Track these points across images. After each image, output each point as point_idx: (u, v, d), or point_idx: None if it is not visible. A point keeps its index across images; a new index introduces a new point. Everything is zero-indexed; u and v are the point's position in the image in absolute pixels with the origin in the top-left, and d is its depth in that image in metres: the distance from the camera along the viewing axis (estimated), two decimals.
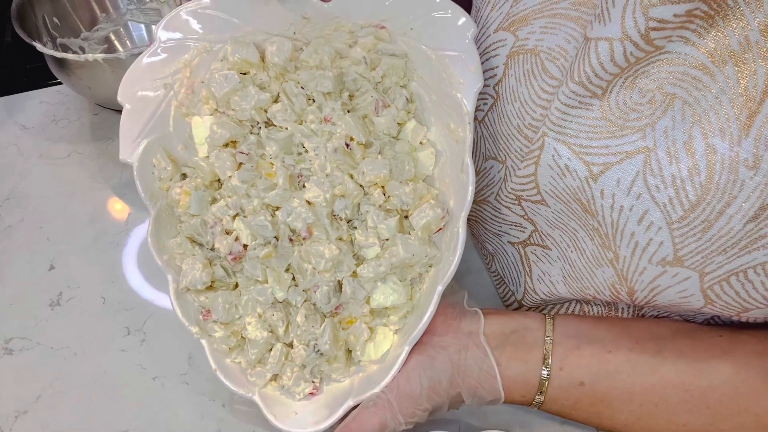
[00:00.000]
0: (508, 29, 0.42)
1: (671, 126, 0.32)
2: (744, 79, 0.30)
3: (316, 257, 0.42)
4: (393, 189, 0.43)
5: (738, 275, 0.33)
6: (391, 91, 0.45)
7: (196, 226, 0.44)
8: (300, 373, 0.42)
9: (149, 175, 0.45)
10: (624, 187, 0.34)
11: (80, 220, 0.62)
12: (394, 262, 0.41)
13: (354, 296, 0.42)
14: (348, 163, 0.43)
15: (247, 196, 0.44)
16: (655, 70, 0.33)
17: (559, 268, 0.43)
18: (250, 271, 0.43)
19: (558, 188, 0.38)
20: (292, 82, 0.46)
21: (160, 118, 0.46)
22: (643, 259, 0.35)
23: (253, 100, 0.45)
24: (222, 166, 0.44)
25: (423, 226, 0.42)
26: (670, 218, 0.33)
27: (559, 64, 0.38)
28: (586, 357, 0.39)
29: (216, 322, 0.43)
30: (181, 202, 0.45)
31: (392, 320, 0.43)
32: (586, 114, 0.35)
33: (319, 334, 0.41)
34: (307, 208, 0.42)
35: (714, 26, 0.31)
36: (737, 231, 0.31)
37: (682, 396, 0.37)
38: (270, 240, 0.43)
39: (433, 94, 0.44)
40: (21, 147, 0.70)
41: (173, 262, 0.44)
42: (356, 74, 0.45)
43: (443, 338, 0.40)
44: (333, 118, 0.43)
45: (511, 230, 0.47)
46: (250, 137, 0.45)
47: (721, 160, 0.31)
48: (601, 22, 0.33)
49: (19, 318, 0.54)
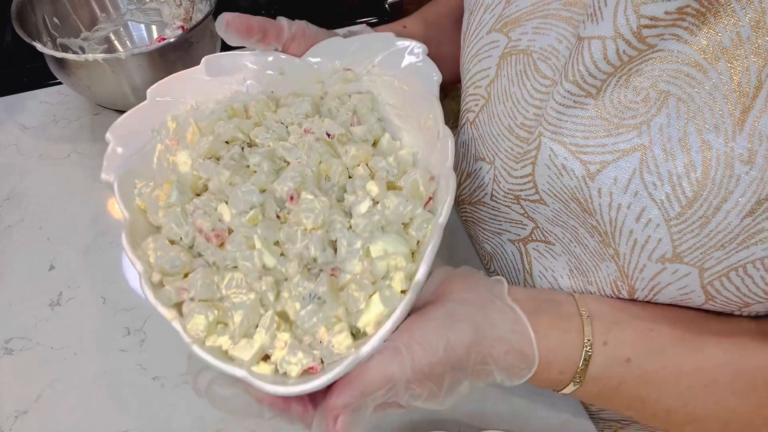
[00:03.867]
0: (501, 31, 0.42)
1: (666, 123, 0.32)
2: (737, 75, 0.30)
3: (307, 213, 0.39)
4: (376, 163, 0.44)
5: (737, 270, 0.33)
6: (362, 116, 0.48)
7: (176, 215, 0.41)
8: (295, 342, 0.35)
9: (129, 193, 0.44)
10: (621, 185, 0.34)
11: (80, 220, 0.62)
12: (387, 214, 0.39)
13: (350, 248, 0.38)
14: (330, 152, 0.44)
15: (230, 185, 0.42)
16: (649, 68, 0.33)
17: (564, 262, 0.43)
18: (234, 251, 0.39)
19: (556, 188, 0.38)
20: (272, 120, 0.48)
21: (145, 154, 0.47)
22: (642, 257, 0.35)
23: (235, 123, 0.47)
24: (207, 169, 0.44)
25: (412, 183, 0.42)
26: (668, 215, 0.33)
27: (551, 64, 0.38)
28: (629, 332, 0.36)
29: (193, 300, 0.37)
30: (162, 194, 0.43)
31: (397, 280, 0.37)
32: (581, 113, 0.35)
33: (316, 283, 0.36)
34: (294, 172, 0.42)
35: (706, 23, 0.31)
36: (735, 226, 0.32)
37: (730, 377, 0.35)
38: (255, 206, 0.41)
39: (402, 110, 0.48)
40: (21, 147, 0.70)
41: (146, 257, 0.40)
42: (331, 106, 0.49)
43: (463, 294, 0.35)
44: (313, 128, 0.46)
45: (512, 228, 0.47)
46: (234, 148, 0.46)
47: (716, 155, 0.31)
48: (593, 21, 0.33)
49: (19, 318, 0.54)
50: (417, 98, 0.46)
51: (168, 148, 0.48)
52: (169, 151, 0.48)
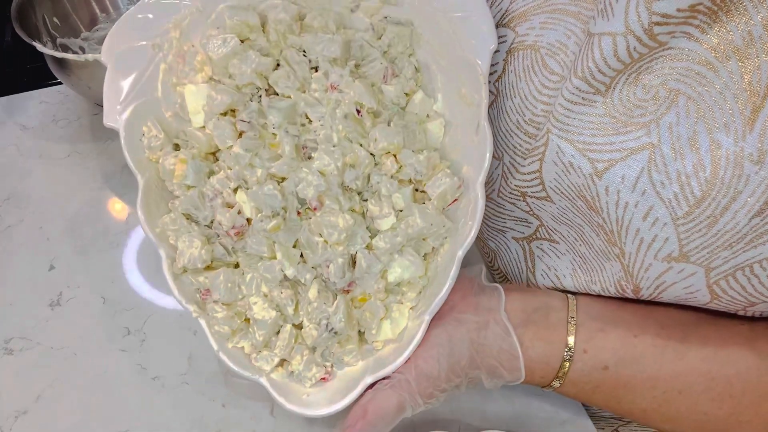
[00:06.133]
0: (507, 25, 0.42)
1: (675, 122, 0.32)
2: (748, 74, 0.30)
3: (329, 228, 0.39)
4: (406, 158, 0.41)
5: (744, 270, 0.33)
6: (398, 60, 0.44)
7: (194, 199, 0.40)
8: (311, 357, 0.39)
9: (137, 143, 0.41)
10: (629, 183, 0.34)
11: (80, 220, 0.62)
12: (410, 232, 0.39)
13: (369, 270, 0.39)
14: (358, 131, 0.41)
15: (250, 166, 0.41)
16: (659, 66, 0.33)
17: (569, 261, 0.43)
18: (254, 248, 0.40)
19: (563, 185, 0.38)
20: (293, 49, 0.43)
21: (147, 81, 0.42)
22: (648, 256, 0.35)
23: (253, 64, 0.42)
24: (222, 135, 0.41)
25: (439, 195, 0.40)
26: (675, 214, 0.33)
27: (559, 60, 0.38)
28: (611, 340, 0.38)
29: (217, 303, 0.40)
30: (177, 172, 0.41)
31: (408, 297, 0.40)
32: (589, 111, 0.35)
33: (332, 311, 0.39)
34: (318, 175, 0.39)
35: (717, 21, 0.31)
36: (743, 226, 0.31)
37: (707, 384, 0.36)
38: (278, 211, 0.40)
39: (442, 60, 0.43)
40: (21, 147, 0.70)
41: (166, 239, 0.40)
42: (363, 41, 0.43)
43: (462, 315, 0.39)
44: (340, 85, 0.41)
45: (517, 226, 0.47)
46: (251, 104, 0.42)
47: (725, 155, 0.31)
48: (604, 17, 0.33)
49: (19, 318, 0.54)
50: (463, 64, 0.40)
51: (172, 68, 0.43)
52: (175, 74, 0.43)
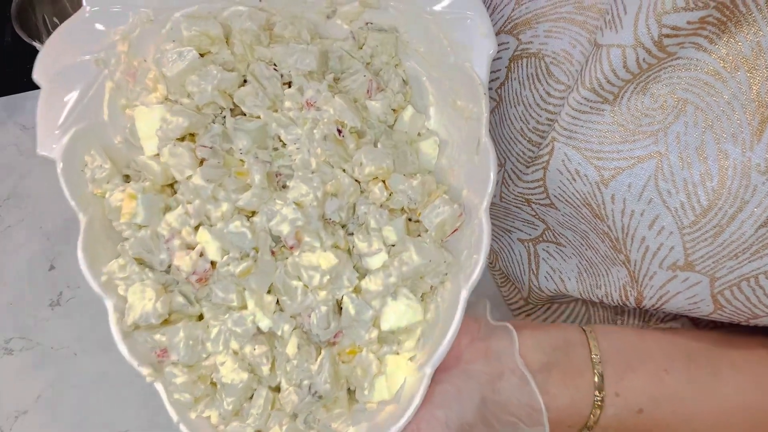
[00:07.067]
0: (510, 32, 0.41)
1: (683, 131, 0.32)
2: (756, 85, 0.30)
3: (309, 270, 0.33)
4: (397, 183, 0.35)
5: (749, 280, 0.33)
6: (383, 72, 0.38)
7: (146, 241, 0.34)
8: (292, 425, 0.33)
9: (78, 175, 0.36)
10: (635, 191, 0.34)
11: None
12: (405, 271, 0.33)
13: (358, 318, 0.34)
14: (339, 154, 0.35)
15: (213, 200, 0.35)
16: (667, 76, 0.32)
17: (574, 264, 0.43)
18: (221, 296, 0.34)
19: (567, 193, 0.38)
20: (262, 62, 0.37)
21: (91, 103, 0.36)
22: (653, 264, 0.35)
23: (215, 80, 0.35)
24: (179, 164, 0.35)
25: (437, 226, 0.35)
26: (682, 223, 0.33)
27: (564, 69, 0.38)
28: (641, 379, 0.35)
29: (176, 365, 0.33)
30: (125, 210, 0.35)
31: (406, 346, 0.34)
32: (597, 119, 0.35)
33: (316, 370, 0.33)
34: (294, 208, 0.34)
35: (726, 32, 0.30)
36: (749, 236, 0.31)
37: (742, 416, 0.35)
38: (248, 252, 0.34)
39: (433, 70, 0.38)
40: (21, 147, 0.70)
41: (114, 289, 0.34)
42: (342, 51, 0.38)
43: (470, 365, 0.34)
44: (318, 102, 0.36)
45: (524, 227, 0.46)
46: (214, 127, 0.36)
47: (733, 165, 0.31)
48: (612, 28, 0.32)
49: (19, 318, 0.54)
50: (457, 73, 0.35)
51: (120, 87, 0.37)
52: (124, 94, 0.37)
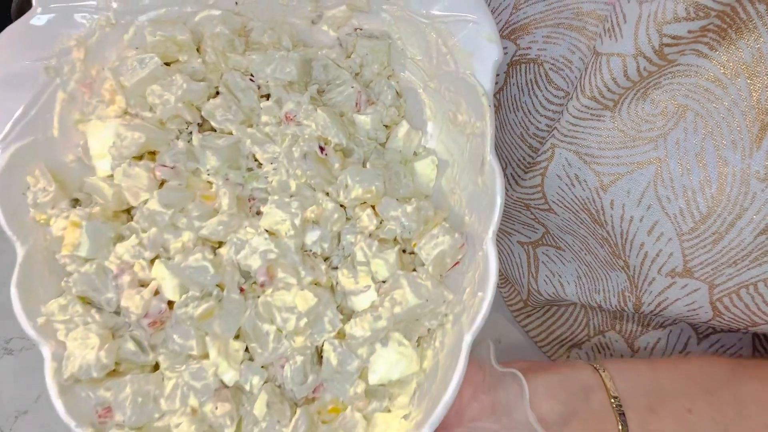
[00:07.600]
0: (509, 37, 0.41)
1: (683, 137, 0.32)
2: (756, 92, 0.30)
3: (284, 312, 0.29)
4: (388, 209, 0.31)
5: (748, 288, 0.33)
6: (374, 83, 0.35)
7: (90, 277, 0.30)
8: None
9: (19, 198, 0.31)
10: (634, 197, 0.34)
11: None
12: (398, 313, 0.29)
13: (342, 369, 0.29)
14: (322, 175, 0.31)
15: (172, 227, 0.30)
16: (668, 82, 0.33)
17: (574, 268, 0.43)
18: (178, 343, 0.29)
19: (566, 198, 0.38)
20: (236, 72, 0.33)
21: (38, 116, 0.32)
22: (652, 270, 0.35)
23: (180, 90, 0.32)
24: (133, 187, 0.31)
25: (435, 259, 0.30)
26: (681, 229, 0.33)
27: (564, 75, 0.38)
28: (667, 422, 0.34)
29: (122, 427, 0.28)
30: (67, 240, 0.30)
31: (399, 402, 0.30)
32: (597, 125, 0.35)
33: None
34: (266, 237, 0.30)
35: (726, 38, 0.30)
36: (748, 243, 0.31)
37: None
38: (211, 291, 0.30)
39: (431, 81, 0.34)
40: None
41: (52, 334, 0.29)
42: (328, 60, 0.35)
43: (476, 423, 0.31)
44: (298, 116, 0.32)
45: (524, 230, 0.47)
46: (177, 144, 0.32)
47: (732, 172, 0.31)
48: (612, 37, 0.32)
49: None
50: (458, 83, 0.32)
51: (75, 99, 0.33)
52: (78, 106, 0.33)
